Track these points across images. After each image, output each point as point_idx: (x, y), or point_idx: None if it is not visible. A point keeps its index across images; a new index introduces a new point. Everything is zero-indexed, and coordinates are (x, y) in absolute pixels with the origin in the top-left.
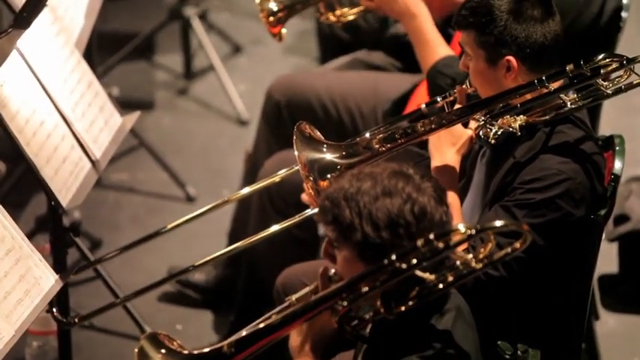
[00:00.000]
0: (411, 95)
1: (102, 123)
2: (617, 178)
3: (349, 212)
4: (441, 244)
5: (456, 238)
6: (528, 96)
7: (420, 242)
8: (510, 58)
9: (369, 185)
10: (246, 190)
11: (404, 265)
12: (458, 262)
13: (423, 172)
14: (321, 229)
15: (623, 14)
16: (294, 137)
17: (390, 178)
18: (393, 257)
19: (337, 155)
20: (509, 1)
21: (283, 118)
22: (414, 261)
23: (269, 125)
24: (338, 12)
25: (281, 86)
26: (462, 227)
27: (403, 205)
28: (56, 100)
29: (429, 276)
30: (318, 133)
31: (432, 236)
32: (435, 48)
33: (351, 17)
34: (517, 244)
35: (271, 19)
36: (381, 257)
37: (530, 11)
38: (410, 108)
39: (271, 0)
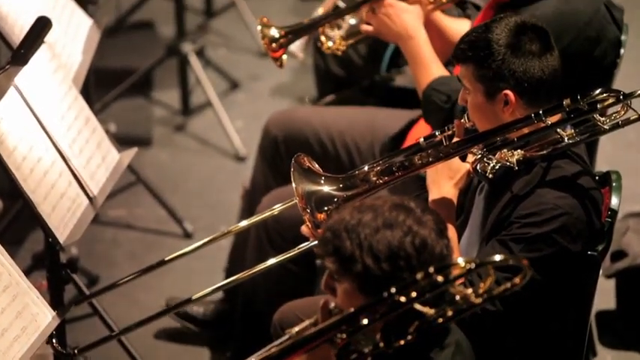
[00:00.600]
0: (409, 131)
1: (99, 159)
2: (614, 214)
3: (350, 244)
4: (440, 278)
5: (455, 272)
6: (526, 130)
7: (419, 275)
8: (508, 92)
9: (370, 217)
10: (245, 222)
11: (403, 299)
12: (457, 297)
13: (424, 205)
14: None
15: (621, 50)
16: (292, 169)
17: (391, 210)
18: (393, 290)
19: (334, 187)
20: (508, 35)
21: (280, 153)
22: (414, 294)
23: (266, 161)
24: (338, 40)
25: (278, 122)
26: (461, 261)
27: (404, 238)
28: (53, 137)
29: (428, 310)
30: (317, 165)
31: (431, 270)
32: (431, 69)
33: (348, 42)
34: (517, 280)
35: (273, 45)
36: (381, 290)
37: (528, 46)
38: (407, 145)
39: (272, 27)
